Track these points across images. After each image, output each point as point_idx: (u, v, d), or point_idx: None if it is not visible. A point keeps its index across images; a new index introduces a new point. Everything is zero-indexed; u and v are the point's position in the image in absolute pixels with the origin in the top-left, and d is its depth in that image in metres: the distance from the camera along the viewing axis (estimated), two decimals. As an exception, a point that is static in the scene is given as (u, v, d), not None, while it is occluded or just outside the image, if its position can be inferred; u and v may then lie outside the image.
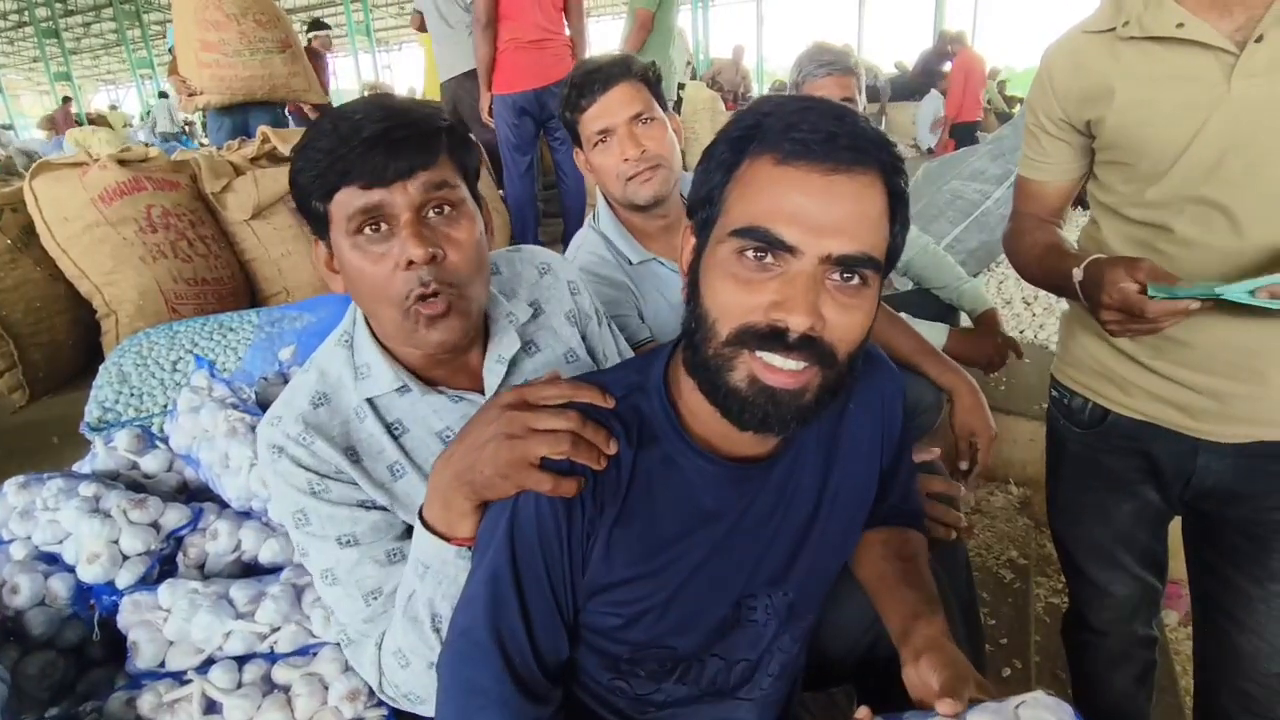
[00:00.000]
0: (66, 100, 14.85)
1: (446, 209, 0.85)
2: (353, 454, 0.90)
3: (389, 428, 0.92)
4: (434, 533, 0.80)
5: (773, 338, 0.65)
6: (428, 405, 0.93)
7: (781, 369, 0.66)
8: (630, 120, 1.35)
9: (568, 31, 3.38)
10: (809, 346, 0.65)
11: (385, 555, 0.89)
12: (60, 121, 11.61)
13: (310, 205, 0.85)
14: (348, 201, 0.82)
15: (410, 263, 0.82)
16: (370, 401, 0.91)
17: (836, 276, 0.65)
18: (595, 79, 1.35)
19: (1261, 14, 0.91)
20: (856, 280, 0.66)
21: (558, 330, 1.06)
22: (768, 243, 0.65)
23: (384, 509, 0.91)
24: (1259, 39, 0.91)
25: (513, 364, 0.98)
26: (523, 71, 3.27)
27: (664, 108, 1.43)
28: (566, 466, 0.73)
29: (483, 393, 0.95)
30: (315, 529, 0.88)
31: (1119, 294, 0.92)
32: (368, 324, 0.92)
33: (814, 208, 0.64)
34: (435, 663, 0.82)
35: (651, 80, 1.40)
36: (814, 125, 0.65)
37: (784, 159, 0.65)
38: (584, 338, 1.09)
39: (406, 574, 0.84)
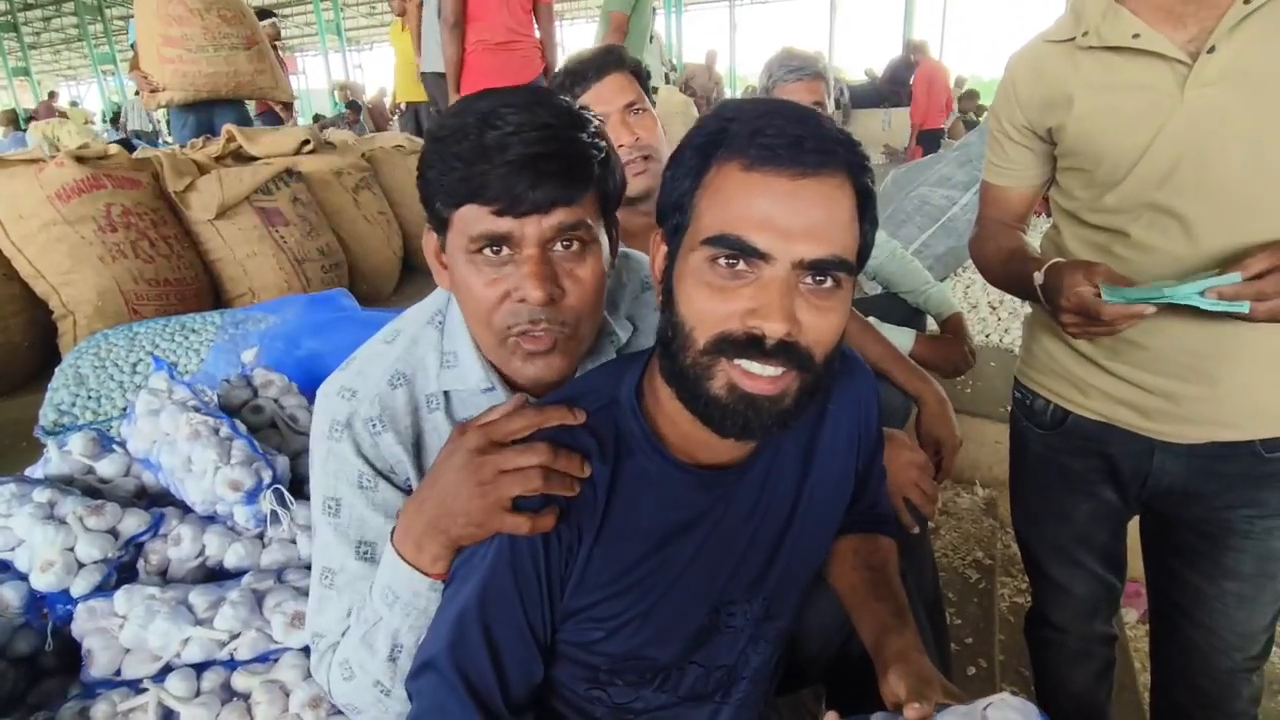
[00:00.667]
0: (52, 95, 14.54)
1: (575, 245, 0.80)
2: (417, 447, 0.86)
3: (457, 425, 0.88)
4: (407, 563, 0.77)
5: (750, 345, 0.65)
6: None
7: (760, 375, 0.66)
8: (624, 109, 1.36)
9: (537, 34, 3.37)
10: (786, 352, 0.65)
11: None
12: (44, 116, 11.35)
13: (433, 204, 0.80)
14: (474, 219, 0.77)
15: (524, 299, 0.78)
16: (447, 393, 0.88)
17: (810, 280, 0.66)
18: (589, 67, 1.36)
19: (1214, 26, 0.93)
20: (829, 283, 0.66)
21: None
22: (740, 250, 0.64)
23: None
24: (1211, 50, 0.93)
25: None
26: (490, 74, 3.23)
27: (651, 104, 1.44)
28: (540, 501, 0.72)
29: None
30: (342, 524, 0.84)
31: (1076, 297, 0.95)
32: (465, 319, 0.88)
33: (784, 213, 0.64)
34: (380, 681, 0.80)
35: (641, 74, 1.42)
36: (780, 130, 0.65)
37: (751, 165, 0.65)
38: None
39: (373, 600, 0.80)
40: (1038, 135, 1.14)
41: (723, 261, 0.66)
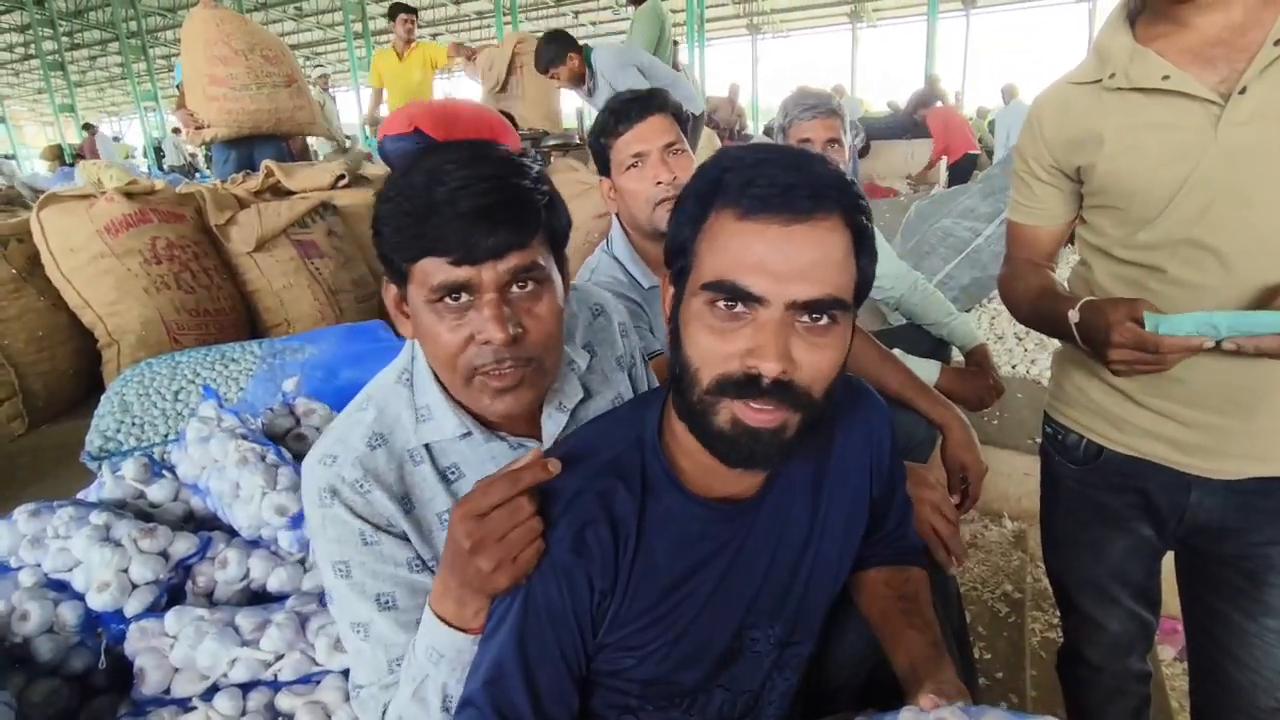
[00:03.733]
0: (89, 128, 15.04)
1: (531, 285, 0.84)
2: (406, 502, 0.89)
3: (443, 473, 0.91)
4: (448, 624, 0.80)
5: (748, 385, 0.68)
6: (488, 452, 0.92)
7: (760, 410, 0.69)
8: (664, 148, 1.44)
9: None
10: (781, 392, 0.68)
11: (418, 624, 0.87)
12: (88, 151, 11.74)
13: (390, 259, 0.84)
14: (432, 270, 0.80)
15: (488, 341, 0.81)
16: (427, 445, 0.91)
17: (806, 319, 0.69)
18: (634, 107, 1.45)
19: (1243, 67, 0.95)
20: (825, 320, 0.69)
21: (608, 375, 1.05)
22: (735, 295, 0.68)
23: (428, 568, 0.90)
24: (1242, 90, 0.94)
25: (571, 412, 0.98)
26: None
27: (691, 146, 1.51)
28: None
29: (540, 439, 0.95)
30: (356, 582, 0.87)
31: (1129, 333, 0.94)
32: (430, 364, 0.91)
33: (776, 258, 0.67)
34: None
35: (683, 118, 1.49)
36: (771, 179, 0.68)
37: (745, 213, 0.68)
38: (631, 380, 1.09)
39: (417, 658, 0.83)
40: (1065, 175, 1.14)
41: (721, 304, 0.69)
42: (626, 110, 1.45)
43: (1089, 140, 1.08)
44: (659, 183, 1.42)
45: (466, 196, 0.78)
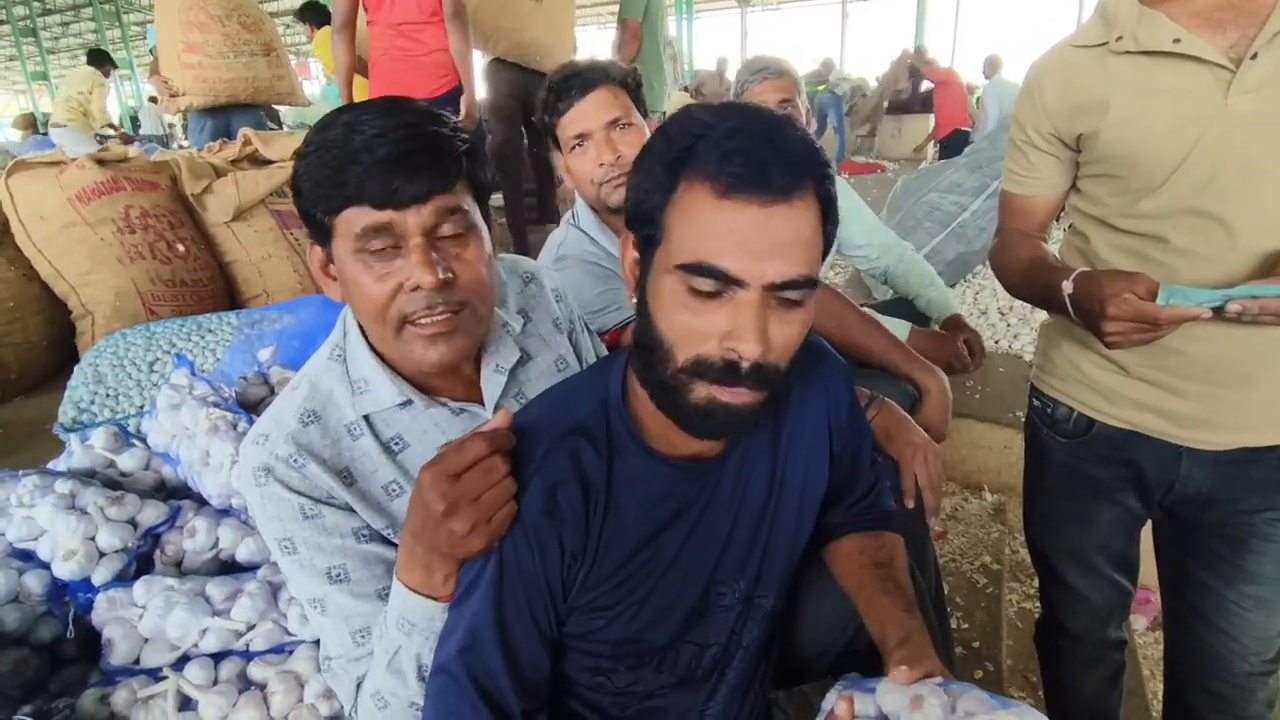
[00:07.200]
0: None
1: (457, 230, 0.84)
2: (346, 476, 0.88)
3: (386, 445, 0.90)
4: (417, 593, 0.79)
5: (725, 371, 0.68)
6: (430, 419, 0.92)
7: (737, 391, 0.70)
8: (607, 126, 1.35)
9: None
10: (757, 375, 0.69)
11: (375, 593, 0.87)
12: None
13: (313, 215, 0.82)
14: (355, 219, 0.79)
15: (418, 286, 0.81)
16: (366, 417, 0.89)
17: (778, 297, 0.69)
18: (573, 84, 1.34)
19: (1255, 32, 0.93)
20: (796, 297, 0.70)
21: (546, 338, 1.06)
22: (714, 277, 0.67)
23: (380, 536, 0.89)
24: (1254, 56, 0.92)
25: (510, 374, 0.98)
26: (398, 72, 2.96)
27: (644, 114, 1.43)
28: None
29: (481, 403, 0.95)
30: (303, 558, 0.85)
31: (1128, 305, 0.92)
32: (363, 335, 0.90)
33: (755, 240, 0.66)
34: (415, 702, 0.82)
35: (631, 86, 1.39)
36: (748, 154, 0.66)
37: (724, 193, 0.66)
38: (572, 345, 1.10)
39: (389, 629, 0.82)
40: (1064, 143, 1.12)
41: (698, 285, 0.68)
42: (566, 88, 1.34)
43: (1093, 106, 1.05)
44: (602, 164, 1.35)
45: (384, 144, 0.78)
